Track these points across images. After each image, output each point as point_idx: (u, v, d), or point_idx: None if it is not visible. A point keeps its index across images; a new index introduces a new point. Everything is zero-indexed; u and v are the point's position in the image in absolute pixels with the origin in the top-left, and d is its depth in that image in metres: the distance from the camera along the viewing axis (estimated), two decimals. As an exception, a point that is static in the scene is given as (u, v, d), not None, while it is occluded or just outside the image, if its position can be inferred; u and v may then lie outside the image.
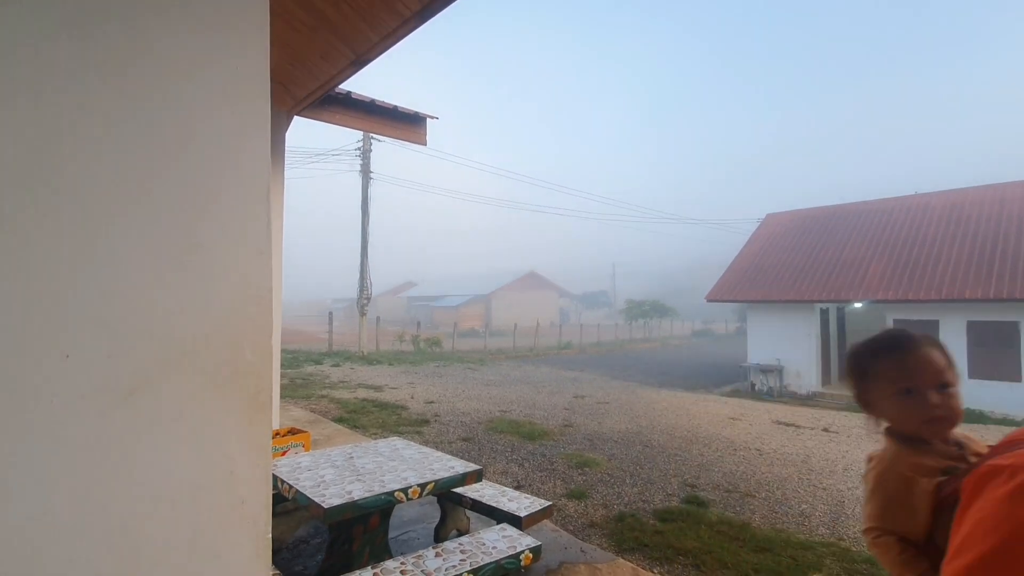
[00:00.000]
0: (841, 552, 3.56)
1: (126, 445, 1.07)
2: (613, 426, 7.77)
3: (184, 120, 1.17)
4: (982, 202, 14.45)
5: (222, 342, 1.20)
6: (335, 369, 13.78)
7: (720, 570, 3.17)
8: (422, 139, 3.90)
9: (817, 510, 4.45)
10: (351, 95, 3.53)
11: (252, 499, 1.25)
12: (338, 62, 2.75)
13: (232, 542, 1.20)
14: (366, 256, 18.20)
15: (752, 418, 9.01)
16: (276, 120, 3.37)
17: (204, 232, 1.19)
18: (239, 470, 1.22)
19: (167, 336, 1.12)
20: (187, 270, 1.16)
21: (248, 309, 1.25)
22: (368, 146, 18.06)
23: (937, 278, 12.74)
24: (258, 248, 1.27)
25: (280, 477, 2.63)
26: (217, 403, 1.19)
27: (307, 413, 7.54)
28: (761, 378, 14.97)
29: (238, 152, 1.25)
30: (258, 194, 1.28)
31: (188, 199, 1.17)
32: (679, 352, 27.26)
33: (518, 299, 45.90)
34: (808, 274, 15.37)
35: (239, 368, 1.23)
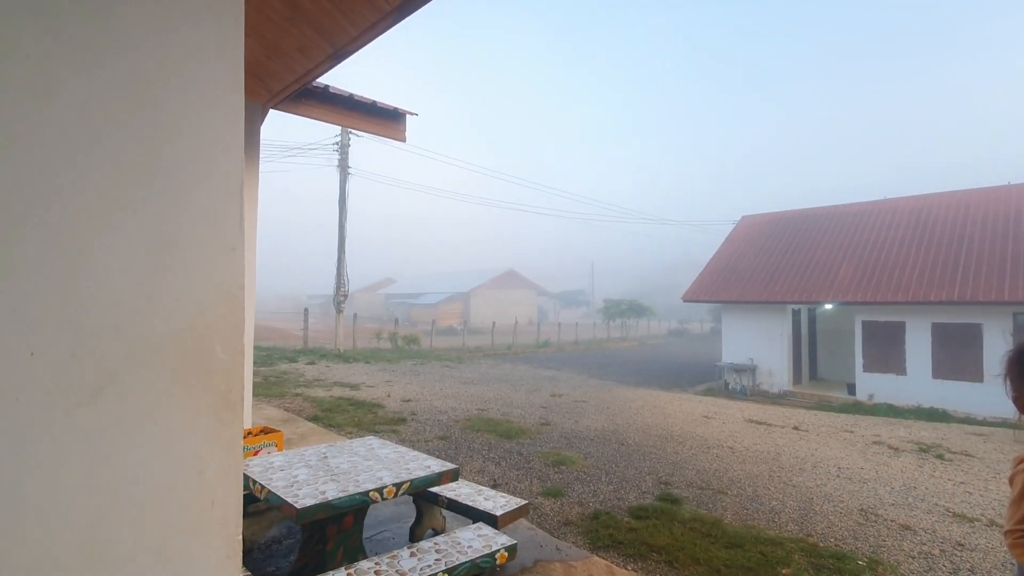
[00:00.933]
0: (809, 548, 3.65)
1: (92, 445, 1.04)
2: (590, 424, 7.84)
3: (155, 113, 1.14)
4: (947, 207, 14.97)
5: (192, 340, 1.17)
6: (310, 367, 13.58)
7: (692, 566, 3.23)
8: (401, 135, 3.86)
9: (787, 507, 4.56)
10: (329, 89, 3.48)
11: (222, 500, 1.22)
12: (315, 55, 2.70)
13: (202, 544, 1.18)
14: (343, 252, 17.99)
15: (725, 416, 9.18)
16: (251, 113, 3.30)
17: (174, 228, 1.16)
18: (209, 471, 1.19)
19: (135, 334, 1.09)
20: (156, 266, 1.13)
21: (219, 307, 1.22)
22: (346, 141, 17.84)
23: (904, 281, 13.15)
24: (230, 244, 1.25)
25: (252, 477, 2.58)
26: (187, 402, 1.16)
27: (281, 412, 7.42)
28: (734, 377, 15.26)
29: (211, 146, 1.22)
30: (231, 189, 1.25)
31: (157, 194, 1.14)
32: (656, 351, 27.60)
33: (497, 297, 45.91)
34: (781, 275, 15.71)
35: (209, 367, 1.20)
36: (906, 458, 6.64)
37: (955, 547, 3.90)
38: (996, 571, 3.55)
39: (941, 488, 5.38)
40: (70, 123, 1.04)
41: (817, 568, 3.34)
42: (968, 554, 3.80)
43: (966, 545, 3.95)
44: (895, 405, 12.44)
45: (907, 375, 13.00)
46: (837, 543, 3.82)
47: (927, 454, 6.89)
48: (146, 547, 1.10)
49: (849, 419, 9.71)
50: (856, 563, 3.46)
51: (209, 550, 1.20)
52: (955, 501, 4.98)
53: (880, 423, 9.42)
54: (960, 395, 12.15)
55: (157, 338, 1.12)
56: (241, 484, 1.28)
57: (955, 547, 3.90)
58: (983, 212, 14.03)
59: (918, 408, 12.12)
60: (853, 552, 3.66)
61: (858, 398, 13.45)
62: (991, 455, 6.99)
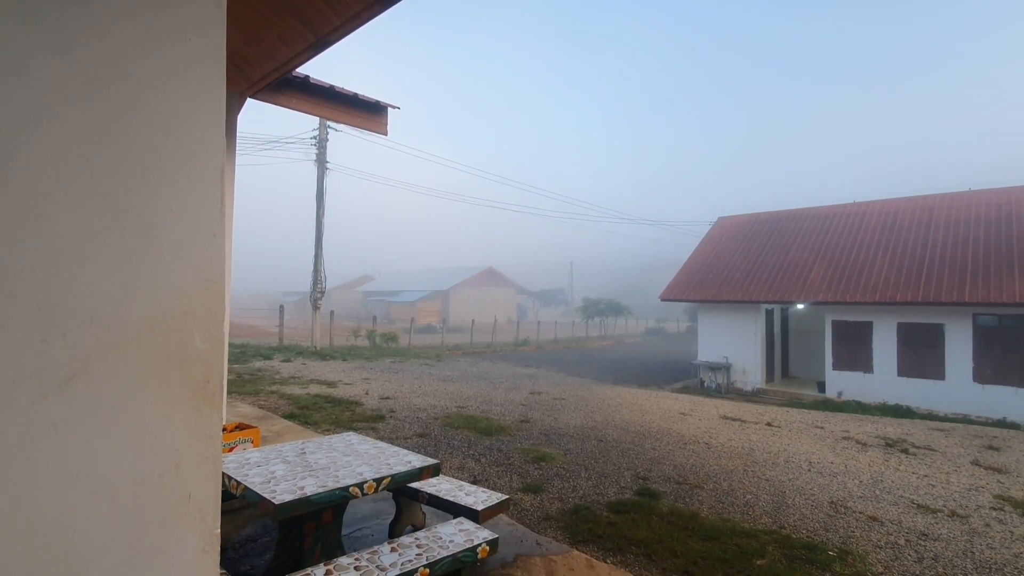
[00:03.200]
0: (782, 539, 3.74)
1: (61, 435, 1.00)
2: (569, 422, 7.88)
3: (133, 96, 1.11)
4: (912, 211, 15.47)
5: (170, 328, 1.14)
6: (286, 364, 13.35)
7: (670, 559, 3.27)
8: (383, 129, 3.82)
9: (761, 500, 4.66)
10: (309, 79, 3.42)
11: (200, 493, 1.19)
12: (297, 44, 2.65)
13: (178, 538, 1.15)
14: (320, 248, 17.72)
15: (701, 413, 9.33)
16: (228, 101, 3.22)
17: (153, 212, 1.12)
18: (186, 463, 1.16)
19: (109, 320, 1.06)
20: (133, 251, 1.09)
21: (199, 294, 1.19)
22: (324, 135, 17.56)
23: (872, 282, 13.55)
24: (210, 231, 1.22)
25: (227, 473, 2.52)
26: (163, 392, 1.13)
27: (255, 410, 7.28)
28: (710, 375, 15.53)
29: (191, 131, 1.19)
30: (211, 175, 1.22)
31: (135, 178, 1.10)
32: (633, 350, 27.90)
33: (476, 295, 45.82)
34: (755, 276, 16.03)
35: (188, 355, 1.17)
36: (873, 453, 6.84)
37: (919, 537, 4.04)
38: (957, 559, 3.68)
39: (906, 481, 5.57)
40: (44, 105, 1.00)
41: (790, 559, 3.42)
42: (931, 543, 3.93)
43: (930, 535, 4.09)
44: (863, 402, 12.81)
45: (874, 373, 13.41)
46: (809, 535, 3.92)
47: (893, 449, 7.12)
48: (119, 541, 1.06)
49: (819, 416, 9.97)
50: (827, 553, 3.56)
51: (185, 544, 1.16)
52: (919, 493, 5.15)
53: (849, 419, 9.69)
54: (923, 392, 12.58)
55: (133, 325, 1.09)
56: (220, 477, 1.25)
57: (919, 537, 4.04)
58: (945, 216, 14.54)
59: (884, 405, 12.51)
60: (824, 543, 3.76)
61: (828, 395, 13.82)
62: (952, 449, 7.26)
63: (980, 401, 11.80)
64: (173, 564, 1.15)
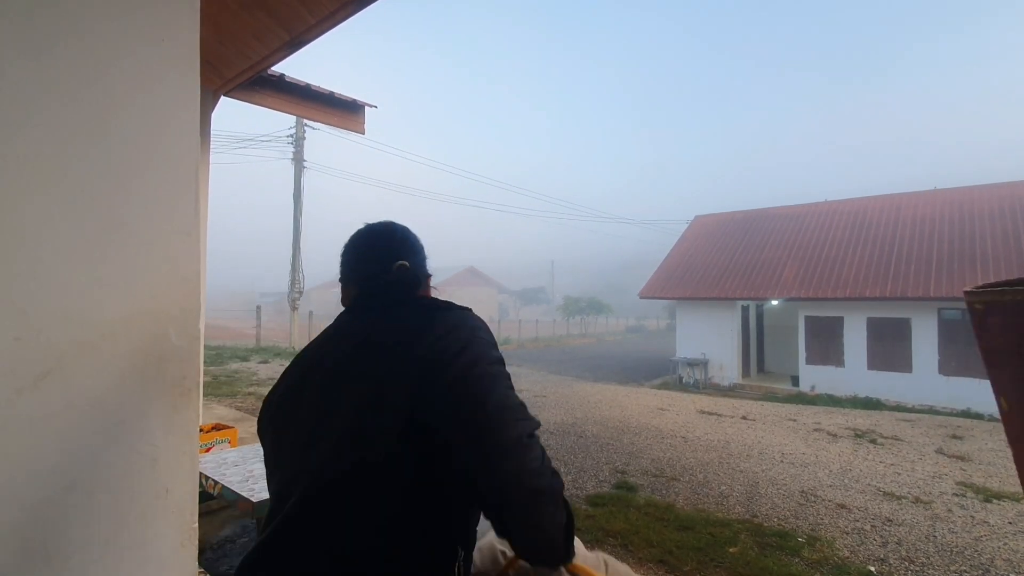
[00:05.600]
0: (754, 528, 3.85)
1: (36, 432, 1.00)
2: (549, 418, 7.95)
3: (106, 93, 1.12)
4: (881, 210, 15.94)
5: (145, 325, 1.15)
6: (263, 366, 13.17)
7: (646, 548, 3.35)
8: (360, 127, 3.82)
9: (735, 491, 4.78)
10: (284, 78, 3.40)
11: (177, 489, 1.21)
12: (271, 42, 2.64)
13: (156, 533, 1.16)
14: (298, 248, 17.50)
15: (679, 408, 9.49)
16: (202, 99, 3.19)
17: (128, 210, 1.13)
18: (163, 458, 1.18)
19: (84, 318, 1.07)
20: (109, 249, 1.10)
21: (174, 291, 1.20)
22: (301, 134, 17.35)
23: (843, 278, 13.93)
24: (185, 229, 1.23)
25: (204, 473, 2.51)
26: (139, 389, 1.14)
27: (232, 411, 7.18)
28: (688, 371, 15.78)
29: (165, 130, 1.20)
30: (186, 172, 1.23)
31: (112, 178, 1.11)
32: (614, 347, 28.17)
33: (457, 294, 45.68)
34: (731, 273, 16.34)
35: (164, 352, 1.18)
36: (843, 443, 7.06)
37: (884, 523, 4.20)
38: (920, 543, 3.84)
39: (874, 470, 5.77)
40: (18, 107, 1.01)
41: (762, 546, 3.53)
42: (896, 528, 4.09)
43: (894, 520, 4.26)
44: (834, 395, 13.18)
45: (845, 367, 13.79)
46: (780, 523, 4.04)
47: (862, 439, 7.35)
48: (96, 537, 1.07)
49: (793, 409, 10.23)
50: (796, 540, 3.68)
51: (163, 539, 1.18)
52: (886, 481, 5.35)
53: (821, 412, 9.96)
54: (892, 385, 12.99)
55: (108, 322, 1.10)
56: (197, 472, 1.26)
57: (884, 523, 4.20)
58: (912, 215, 15.02)
59: (855, 397, 12.88)
60: (794, 530, 3.89)
61: (801, 389, 14.17)
62: (918, 439, 7.53)
63: (945, 392, 12.23)
64: (151, 559, 1.16)
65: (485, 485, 0.79)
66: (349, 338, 0.99)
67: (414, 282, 1.07)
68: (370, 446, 0.81)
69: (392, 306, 0.99)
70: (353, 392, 0.88)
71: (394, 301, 1.01)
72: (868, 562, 3.45)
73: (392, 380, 0.84)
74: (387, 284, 1.04)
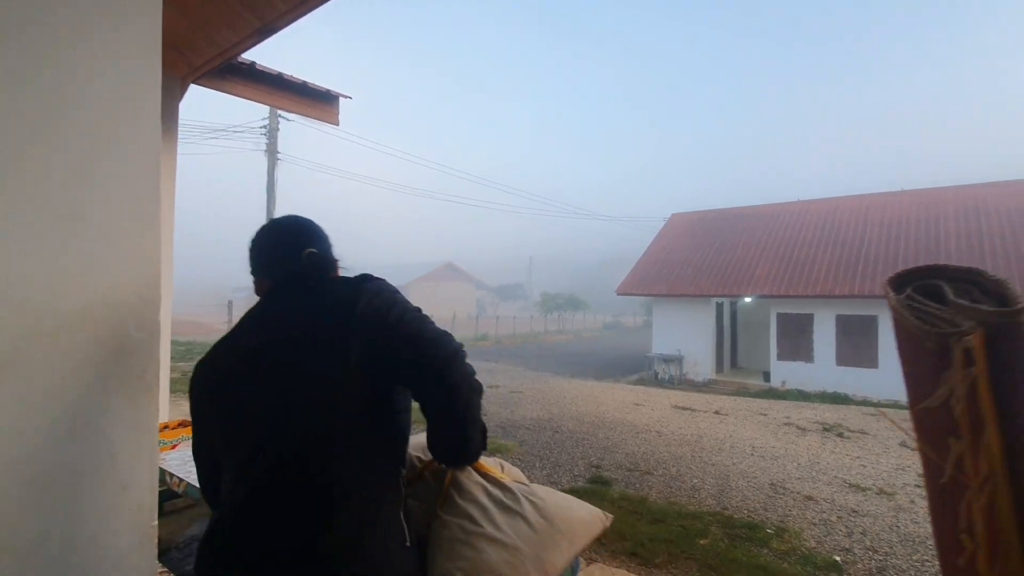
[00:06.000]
0: (725, 520, 3.93)
1: (-13, 426, 0.96)
2: (525, 414, 7.98)
3: (67, 82, 1.08)
4: (850, 210, 16.38)
5: (104, 317, 1.11)
6: (236, 361, 12.91)
7: (619, 541, 3.39)
8: (334, 119, 3.74)
9: (706, 484, 4.87)
10: (255, 66, 3.32)
11: (136, 485, 1.18)
12: (241, 29, 2.57)
13: (113, 530, 1.13)
14: (273, 242, 17.17)
15: (654, 404, 9.62)
16: (169, 86, 3.09)
17: (86, 200, 1.09)
18: (121, 454, 1.14)
19: (41, 309, 1.03)
20: (66, 239, 1.06)
21: (133, 283, 1.17)
22: (275, 124, 16.99)
23: (813, 276, 14.29)
24: (146, 219, 1.19)
25: (169, 471, 2.45)
26: (97, 382, 1.11)
27: (203, 408, 7.03)
28: (663, 367, 16.00)
29: (125, 117, 1.16)
30: (147, 161, 1.20)
31: (69, 166, 1.08)
32: (591, 344, 28.40)
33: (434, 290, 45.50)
34: (706, 270, 16.61)
35: (123, 345, 1.15)
36: (811, 437, 7.25)
37: (850, 513, 4.33)
38: (884, 533, 3.97)
39: (840, 462, 5.94)
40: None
41: (731, 537, 3.60)
42: (861, 519, 4.22)
43: (859, 511, 4.39)
44: (804, 390, 13.52)
45: (815, 363, 14.15)
46: (749, 515, 4.13)
47: (829, 433, 7.56)
48: (52, 534, 1.04)
49: (764, 403, 10.46)
50: (765, 531, 3.77)
51: (121, 537, 1.15)
52: (852, 473, 5.51)
53: (791, 407, 10.21)
54: (859, 380, 13.38)
55: (65, 314, 1.06)
56: (156, 469, 1.23)
57: (850, 513, 4.33)
58: (880, 215, 15.48)
59: (824, 393, 13.24)
60: (763, 522, 3.98)
61: (772, 384, 14.50)
62: (883, 432, 7.78)
63: (908, 387, 12.64)
64: (109, 557, 1.13)
65: (432, 383, 1.00)
66: (289, 317, 1.08)
67: (326, 266, 1.17)
68: (342, 405, 0.98)
69: (315, 285, 1.11)
70: (314, 362, 1.00)
71: (316, 281, 1.12)
72: (834, 552, 3.55)
73: (343, 340, 0.99)
74: (302, 269, 1.13)
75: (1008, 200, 14.07)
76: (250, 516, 0.96)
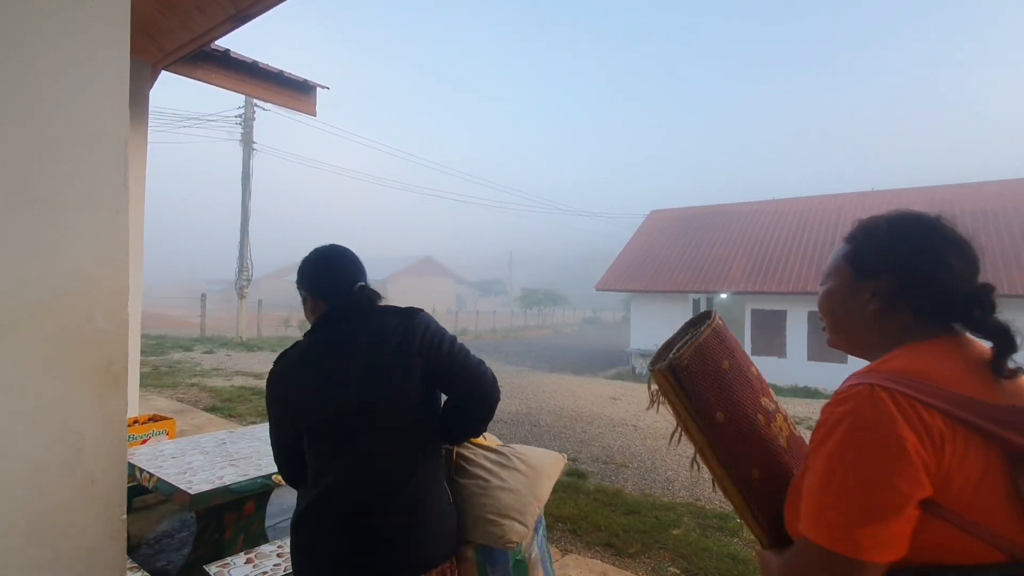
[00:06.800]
0: (697, 510, 4.02)
1: (-55, 419, 0.94)
2: (504, 408, 8.00)
3: (28, 61, 1.04)
4: (822, 209, 16.78)
5: (69, 307, 1.09)
6: (208, 356, 12.65)
7: (594, 532, 3.44)
8: (311, 109, 3.69)
9: (680, 476, 4.97)
10: (230, 53, 3.25)
11: (103, 479, 1.15)
12: (215, 15, 2.51)
13: (81, 524, 1.11)
14: (247, 234, 16.84)
15: (631, 398, 9.74)
16: (139, 71, 3.01)
17: (49, 186, 1.06)
18: (88, 447, 1.12)
19: (3, 298, 1.00)
20: (29, 227, 1.03)
21: (100, 272, 1.14)
22: (250, 114, 16.63)
23: (786, 274, 14.62)
24: (113, 207, 1.17)
25: (139, 466, 2.40)
26: (62, 374, 1.08)
27: (173, 403, 6.88)
28: (641, 362, 16.20)
29: (90, 101, 1.13)
30: (114, 147, 1.17)
31: (31, 151, 1.05)
32: (570, 339, 28.58)
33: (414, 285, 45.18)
34: (684, 267, 16.86)
35: (89, 337, 1.12)
36: (782, 430, 7.43)
37: (816, 504, 4.46)
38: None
39: (809, 455, 6.11)
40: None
41: (703, 527, 3.69)
42: (826, 509, 4.36)
43: (825, 501, 4.53)
44: (776, 385, 13.84)
45: (787, 358, 14.51)
46: (721, 505, 4.23)
47: (800, 426, 7.68)
48: (19, 528, 1.02)
49: (738, 398, 10.67)
50: (736, 521, 3.86)
51: (88, 531, 1.13)
52: (819, 465, 5.67)
53: (763, 401, 10.44)
54: (829, 374, 13.74)
55: (28, 304, 1.03)
56: (125, 462, 1.21)
57: (816, 504, 4.46)
58: (851, 215, 15.86)
59: (795, 387, 13.59)
60: (734, 512, 4.08)
61: (746, 379, 14.82)
62: (850, 425, 8.01)
63: (875, 382, 13.05)
64: (77, 551, 1.11)
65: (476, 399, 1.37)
66: (362, 337, 1.32)
67: (374, 297, 1.43)
68: (412, 404, 1.31)
69: (371, 315, 1.38)
70: (390, 373, 1.29)
71: (370, 312, 1.39)
72: (800, 540, 3.66)
73: (410, 358, 1.30)
74: (355, 300, 1.39)
75: (973, 202, 14.59)
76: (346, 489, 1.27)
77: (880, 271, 0.83)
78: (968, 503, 0.66)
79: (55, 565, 1.07)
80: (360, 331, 1.33)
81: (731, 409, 0.94)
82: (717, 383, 0.95)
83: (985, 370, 0.74)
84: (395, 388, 1.29)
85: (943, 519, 0.66)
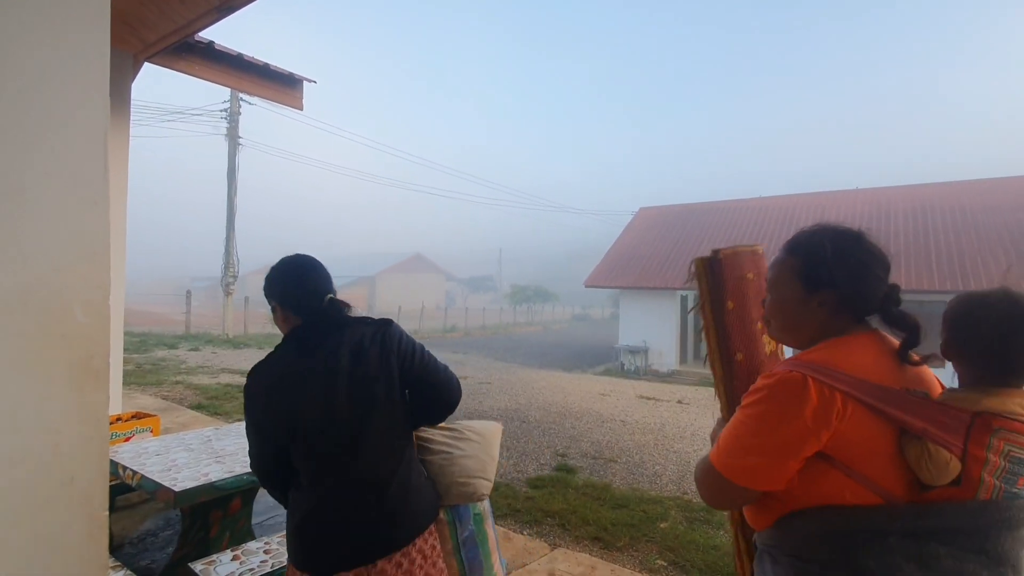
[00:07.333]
0: (684, 504, 4.06)
1: (-85, 416, 0.91)
2: (494, 404, 8.01)
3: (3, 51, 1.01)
4: (807, 207, 16.96)
5: (46, 300, 1.06)
6: (193, 353, 12.50)
7: (583, 526, 3.46)
8: (298, 103, 3.64)
9: (668, 470, 5.01)
10: (214, 45, 3.19)
11: (83, 476, 1.13)
12: (198, 5, 2.47)
13: (61, 523, 1.09)
14: (232, 230, 16.64)
15: (620, 394, 9.81)
16: (120, 63, 2.95)
17: (25, 177, 1.04)
18: (67, 444, 1.10)
19: (-26, 291, 0.97)
20: (3, 218, 1.00)
21: (80, 265, 1.12)
22: (236, 108, 16.40)
23: (772, 270, 14.77)
24: (92, 198, 1.14)
25: (121, 463, 2.37)
26: (39, 369, 1.06)
27: (157, 401, 6.80)
28: (629, 358, 16.29)
29: (68, 90, 1.11)
30: (93, 137, 1.14)
31: (6, 140, 1.02)
32: (560, 335, 28.65)
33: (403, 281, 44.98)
34: (672, 263, 16.95)
35: (68, 330, 1.10)
36: (768, 425, 7.53)
37: (801, 496, 4.52)
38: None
39: (794, 448, 6.19)
40: None
41: (690, 520, 3.72)
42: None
43: (810, 494, 4.60)
44: (762, 380, 14.00)
45: (773, 353, 14.67)
46: (708, 499, 4.28)
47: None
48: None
49: (724, 393, 10.78)
50: (722, 514, 3.90)
51: (69, 530, 1.10)
52: (804, 459, 5.75)
53: (749, 396, 10.56)
54: (813, 370, 13.95)
55: (2, 297, 1.01)
56: (106, 459, 1.19)
57: (801, 496, 4.52)
58: (836, 213, 16.09)
59: (781, 382, 13.74)
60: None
61: (733, 375, 14.95)
62: (834, 420, 8.14)
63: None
64: (57, 550, 1.09)
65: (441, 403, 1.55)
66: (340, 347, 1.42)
67: (343, 308, 1.52)
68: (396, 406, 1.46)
69: (346, 325, 1.48)
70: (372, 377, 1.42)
71: (343, 322, 1.49)
72: (785, 532, 3.71)
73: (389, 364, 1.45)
74: (325, 311, 1.48)
75: (953, 200, 14.84)
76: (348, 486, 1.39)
77: (825, 284, 1.02)
78: (857, 459, 0.87)
79: (36, 564, 1.05)
80: (341, 342, 1.43)
81: (739, 304, 1.23)
82: (736, 284, 1.25)
83: (892, 359, 0.95)
84: (383, 392, 1.42)
85: (837, 468, 0.87)
